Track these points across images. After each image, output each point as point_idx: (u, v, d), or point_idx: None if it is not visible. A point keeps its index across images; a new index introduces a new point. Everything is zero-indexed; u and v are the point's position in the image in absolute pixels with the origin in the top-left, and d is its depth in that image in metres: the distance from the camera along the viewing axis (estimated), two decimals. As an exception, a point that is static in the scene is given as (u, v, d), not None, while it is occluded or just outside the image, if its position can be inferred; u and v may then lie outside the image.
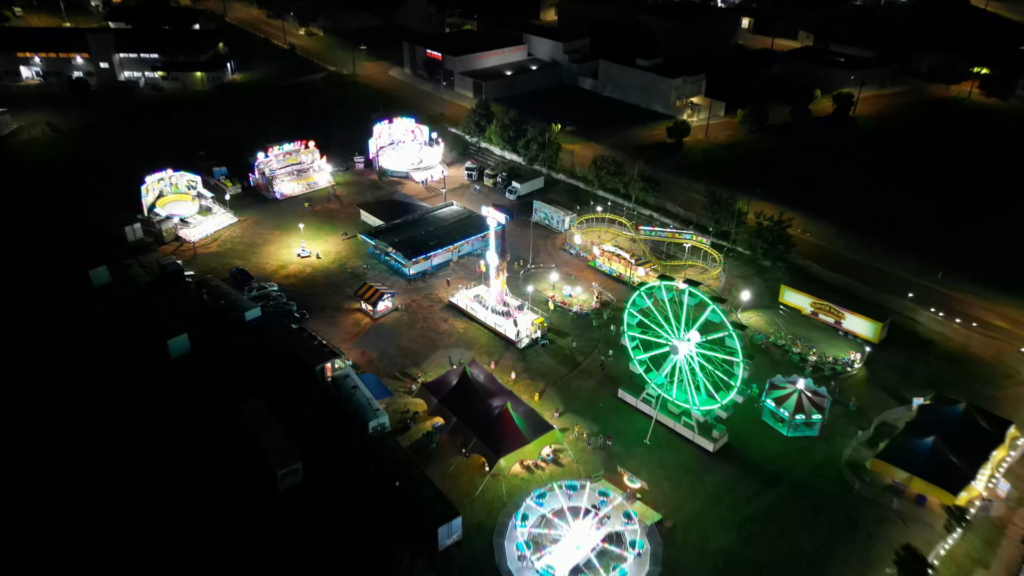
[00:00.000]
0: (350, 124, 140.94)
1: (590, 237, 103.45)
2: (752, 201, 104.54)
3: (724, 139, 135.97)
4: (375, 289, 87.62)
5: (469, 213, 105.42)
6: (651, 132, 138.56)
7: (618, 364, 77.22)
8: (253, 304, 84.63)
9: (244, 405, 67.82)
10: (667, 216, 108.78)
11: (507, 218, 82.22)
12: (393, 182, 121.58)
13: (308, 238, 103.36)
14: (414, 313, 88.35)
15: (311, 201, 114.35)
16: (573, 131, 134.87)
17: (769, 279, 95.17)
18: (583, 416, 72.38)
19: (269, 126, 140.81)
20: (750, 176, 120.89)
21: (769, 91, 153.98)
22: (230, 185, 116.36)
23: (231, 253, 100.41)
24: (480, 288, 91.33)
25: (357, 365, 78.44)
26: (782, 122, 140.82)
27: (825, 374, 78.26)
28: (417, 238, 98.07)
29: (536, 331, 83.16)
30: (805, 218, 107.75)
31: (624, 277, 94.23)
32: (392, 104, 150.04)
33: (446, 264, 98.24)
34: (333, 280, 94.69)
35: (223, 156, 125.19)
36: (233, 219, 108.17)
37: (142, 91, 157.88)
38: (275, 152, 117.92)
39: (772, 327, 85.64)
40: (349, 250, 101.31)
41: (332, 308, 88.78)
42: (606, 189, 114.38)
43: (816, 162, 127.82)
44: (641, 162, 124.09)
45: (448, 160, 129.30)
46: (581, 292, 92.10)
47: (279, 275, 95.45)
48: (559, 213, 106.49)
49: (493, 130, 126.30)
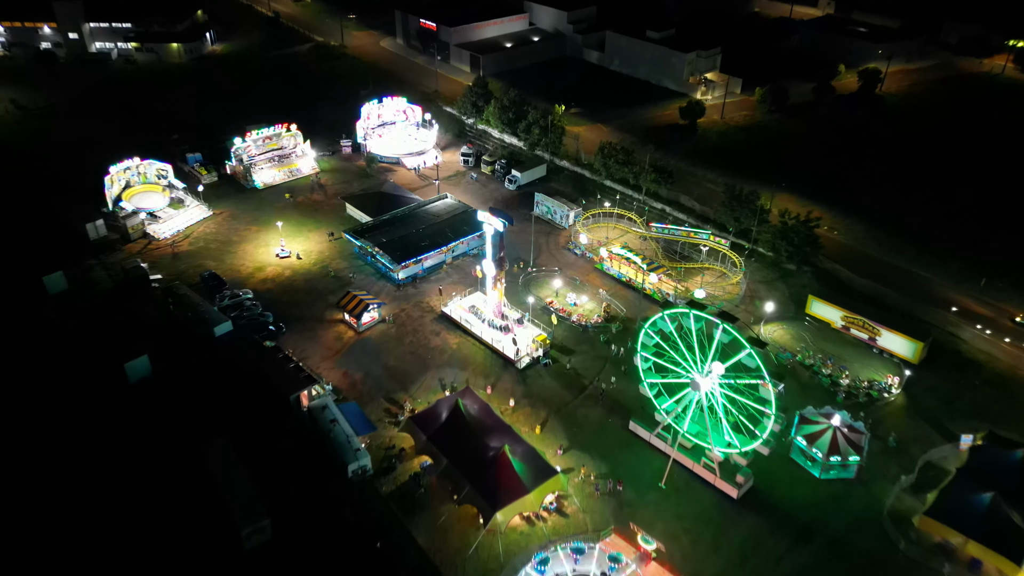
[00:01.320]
0: (337, 102, 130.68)
1: (597, 236, 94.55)
2: (775, 194, 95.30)
3: (741, 120, 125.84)
4: (359, 299, 79.08)
5: (464, 208, 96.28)
6: (662, 112, 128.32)
7: (628, 389, 69.09)
8: (223, 318, 76.18)
9: (207, 446, 59.88)
10: (681, 211, 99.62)
11: (506, 224, 73.39)
12: (382, 169, 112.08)
13: (289, 235, 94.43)
14: (403, 325, 79.96)
15: (293, 192, 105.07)
16: (579, 113, 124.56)
17: (794, 285, 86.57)
18: (590, 452, 64.50)
19: (250, 104, 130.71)
20: (770, 164, 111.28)
21: (788, 66, 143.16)
22: (205, 173, 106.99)
23: (204, 252, 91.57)
24: (476, 296, 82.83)
25: (338, 389, 70.40)
26: (803, 101, 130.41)
27: (859, 401, 70.22)
28: (407, 238, 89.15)
29: (537, 349, 74.90)
30: (831, 213, 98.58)
31: (635, 283, 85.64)
32: (383, 80, 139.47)
33: (439, 267, 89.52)
34: (314, 285, 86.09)
35: (198, 140, 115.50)
36: (207, 212, 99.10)
37: (114, 64, 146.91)
38: (253, 136, 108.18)
39: (799, 344, 77.35)
40: (333, 249, 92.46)
41: (312, 319, 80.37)
42: (614, 179, 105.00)
43: (841, 147, 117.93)
44: (652, 148, 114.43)
45: (443, 144, 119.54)
46: (587, 301, 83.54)
47: (255, 279, 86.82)
48: (563, 207, 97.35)
49: (491, 111, 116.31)
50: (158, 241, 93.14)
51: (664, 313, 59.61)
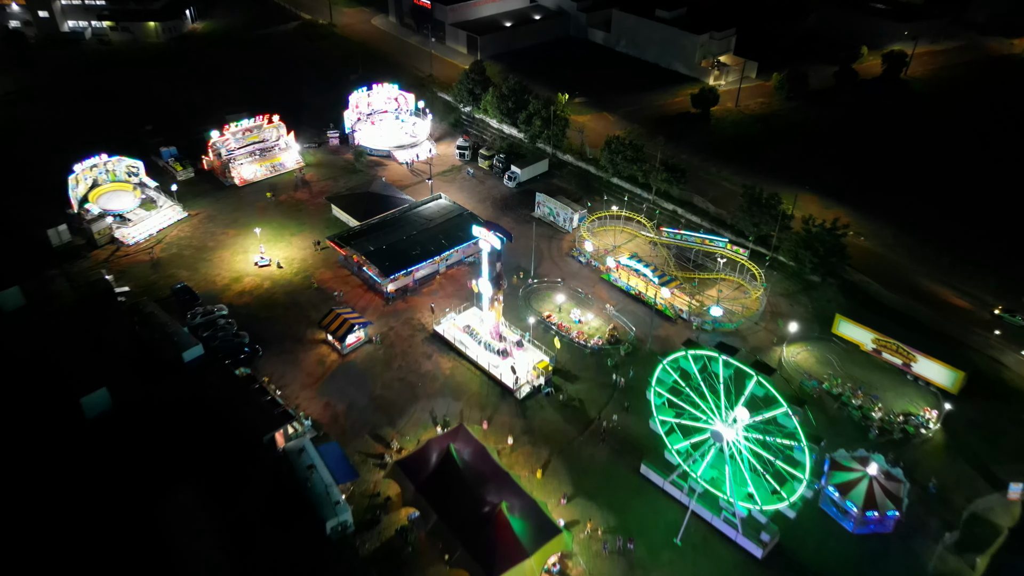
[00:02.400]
0: (325, 87, 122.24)
1: (603, 241, 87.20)
2: (798, 196, 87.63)
3: (757, 108, 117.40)
4: (343, 318, 72.06)
5: (460, 211, 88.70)
6: (672, 99, 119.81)
7: (638, 423, 62.40)
8: (193, 340, 69.16)
9: (167, 502, 53.33)
10: (694, 212, 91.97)
11: (504, 241, 66.12)
12: (372, 163, 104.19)
13: (269, 241, 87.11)
14: (391, 346, 73.05)
15: (275, 189, 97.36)
16: (583, 102, 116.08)
17: (818, 299, 79.47)
18: (597, 501, 58.03)
19: (232, 88, 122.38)
20: (789, 158, 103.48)
21: (807, 48, 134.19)
22: (180, 169, 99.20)
23: (177, 260, 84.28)
24: (471, 312, 75.79)
25: (318, 424, 63.78)
26: (824, 87, 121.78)
27: (894, 437, 63.65)
28: (397, 246, 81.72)
29: (539, 376, 68.07)
30: (856, 215, 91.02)
31: (645, 297, 78.54)
32: (373, 62, 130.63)
33: (431, 277, 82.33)
34: (296, 298, 78.99)
35: (174, 131, 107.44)
36: (181, 214, 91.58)
37: (88, 44, 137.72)
38: (232, 129, 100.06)
39: (825, 369, 70.53)
40: (316, 256, 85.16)
41: (293, 339, 73.44)
42: (622, 177, 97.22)
43: (866, 139, 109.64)
44: (662, 141, 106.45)
45: (437, 134, 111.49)
46: (593, 318, 76.49)
47: (231, 292, 79.69)
48: (566, 210, 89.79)
49: (489, 100, 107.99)
50: (127, 247, 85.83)
51: (688, 353, 52.54)
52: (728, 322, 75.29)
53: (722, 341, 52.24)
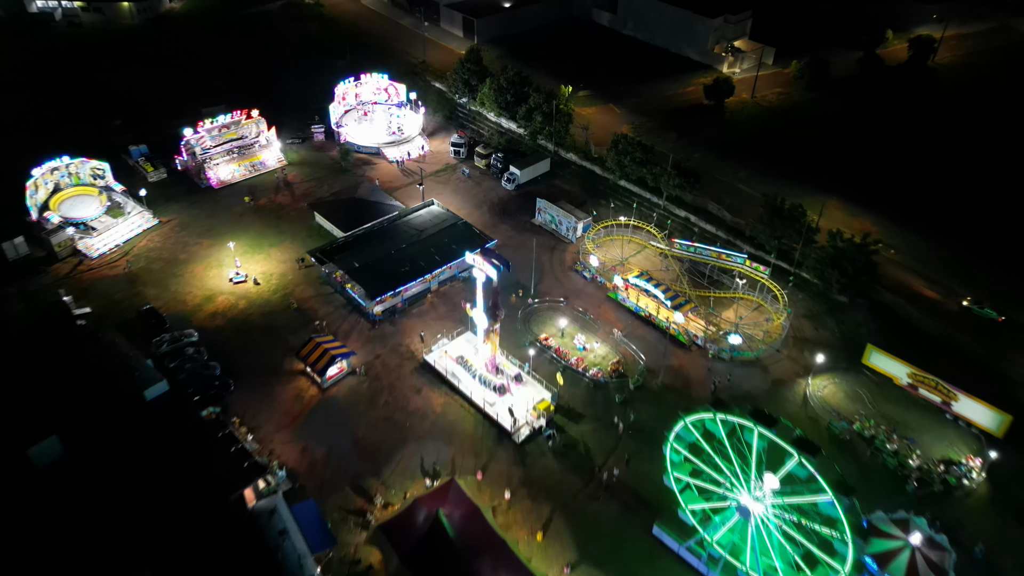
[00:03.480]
0: (311, 73, 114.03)
1: (610, 252, 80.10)
2: (824, 205, 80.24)
3: (775, 100, 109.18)
4: (323, 348, 65.27)
5: (454, 220, 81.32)
6: (683, 89, 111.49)
7: (651, 472, 55.97)
8: (157, 376, 62.42)
9: (117, 581, 47.09)
10: (708, 220, 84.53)
11: (501, 270, 59.05)
12: (359, 161, 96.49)
13: (246, 253, 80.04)
14: (377, 378, 66.37)
15: (254, 193, 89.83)
16: (588, 96, 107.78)
17: (846, 322, 72.54)
18: (605, 569, 51.75)
19: (210, 75, 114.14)
20: (811, 157, 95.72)
21: (828, 32, 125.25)
22: (151, 170, 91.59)
23: (144, 276, 77.22)
24: (464, 339, 69.03)
25: (294, 475, 57.38)
26: (846, 75, 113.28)
27: (934, 489, 57.30)
28: (384, 262, 74.61)
29: (539, 417, 61.50)
30: (885, 224, 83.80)
31: (656, 320, 71.68)
32: (363, 47, 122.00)
33: (423, 296, 75.37)
34: (273, 321, 72.11)
35: (146, 125, 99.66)
36: (151, 221, 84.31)
37: (58, 27, 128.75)
38: (207, 127, 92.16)
39: (855, 405, 63.93)
40: (297, 272, 78.08)
41: (268, 369, 66.74)
42: (630, 180, 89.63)
43: (893, 134, 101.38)
44: (673, 137, 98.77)
45: (431, 128, 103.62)
46: (599, 346, 69.67)
47: (203, 313, 72.79)
48: (569, 218, 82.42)
49: (486, 93, 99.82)
50: (91, 261, 78.74)
51: (717, 417, 45.68)
52: (747, 350, 68.57)
53: (758, 408, 45.31)
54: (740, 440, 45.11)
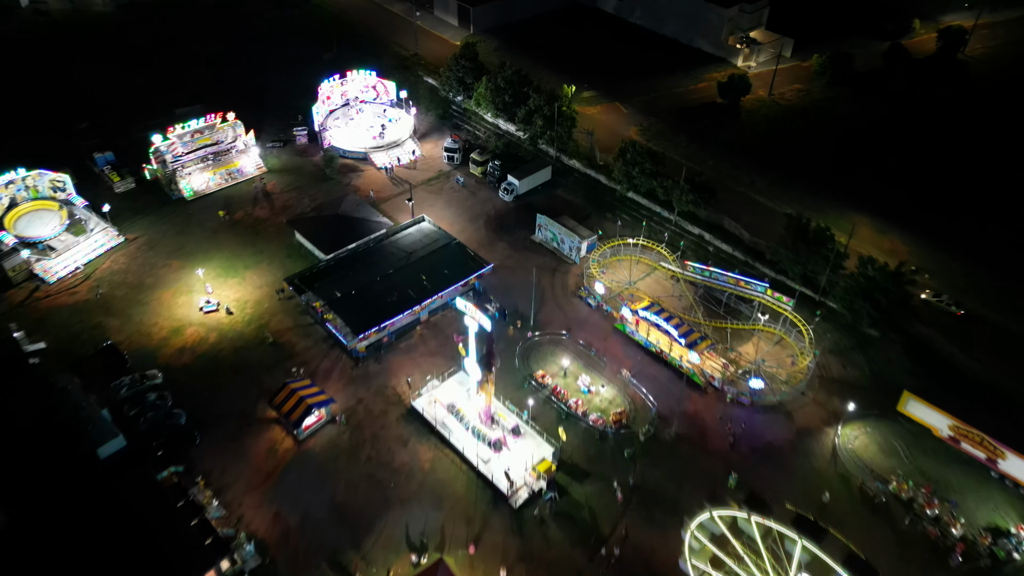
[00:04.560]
0: (294, 67, 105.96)
1: (616, 276, 73.24)
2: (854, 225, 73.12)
3: (794, 97, 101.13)
4: (299, 396, 58.73)
5: (447, 240, 74.17)
6: (695, 85, 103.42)
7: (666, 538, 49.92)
8: (113, 431, 55.98)
9: None
10: (724, 238, 77.38)
11: (495, 317, 52.39)
12: (345, 167, 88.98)
13: (219, 277, 73.21)
14: (359, 428, 59.90)
15: (229, 207, 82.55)
16: (593, 96, 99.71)
17: (877, 359, 65.84)
18: (612, 666, 46.03)
19: (186, 70, 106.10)
20: (835, 164, 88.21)
21: (849, 21, 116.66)
22: (117, 180, 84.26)
23: (106, 304, 70.36)
24: (456, 381, 62.48)
25: (264, 547, 51.21)
26: (871, 69, 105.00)
27: (981, 565, 51.17)
28: (369, 290, 67.66)
29: (539, 478, 55.14)
30: (918, 243, 76.86)
31: (668, 357, 65.04)
32: (351, 38, 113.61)
33: (411, 328, 68.63)
34: (246, 358, 65.46)
35: (114, 128, 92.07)
36: (117, 239, 77.29)
37: (23, 13, 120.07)
38: (178, 132, 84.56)
39: (891, 461, 57.55)
40: (274, 300, 71.23)
41: (239, 417, 60.23)
42: (639, 192, 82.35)
43: (924, 138, 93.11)
44: (684, 141, 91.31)
45: (423, 129, 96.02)
46: (605, 389, 63.07)
47: (169, 348, 66.12)
48: (572, 237, 75.32)
49: (482, 93, 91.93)
50: (49, 286, 71.90)
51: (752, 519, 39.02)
52: (769, 394, 62.04)
53: (802, 515, 38.79)
54: (778, 545, 38.74)
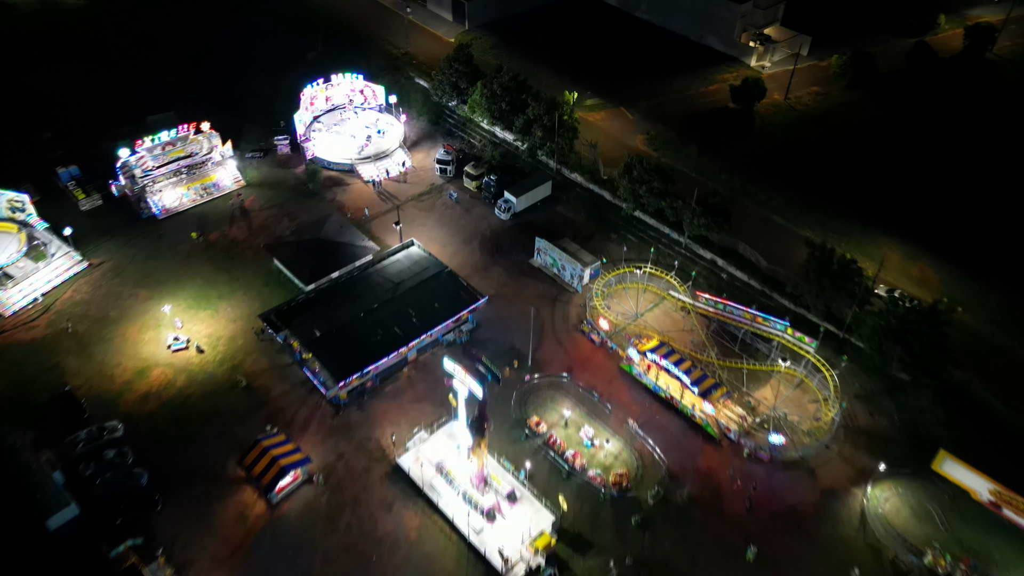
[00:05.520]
0: (276, 67, 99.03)
1: (622, 306, 67.36)
2: (878, 243, 67.12)
3: (812, 102, 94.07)
4: (272, 456, 53.13)
5: (438, 268, 68.00)
6: (706, 88, 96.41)
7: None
8: (63, 499, 50.47)
9: None
10: (739, 265, 71.10)
11: (488, 380, 46.54)
12: (330, 181, 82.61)
13: (189, 310, 67.37)
14: (338, 489, 54.33)
15: (203, 228, 76.30)
16: (596, 104, 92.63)
17: (907, 406, 60.07)
18: None
19: (161, 69, 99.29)
20: (856, 178, 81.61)
21: (870, 16, 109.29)
22: (82, 197, 78.02)
23: (66, 341, 64.49)
24: (446, 432, 56.82)
25: (230, 637, 46.03)
26: (894, 69, 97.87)
27: (1029, 657, 46.00)
28: (352, 327, 61.69)
29: (536, 554, 49.68)
30: (949, 270, 70.76)
31: (679, 405, 59.34)
32: (337, 34, 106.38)
33: (398, 369, 62.81)
34: (217, 404, 59.75)
35: (81, 138, 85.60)
36: (80, 265, 71.28)
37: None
38: (148, 145, 78.10)
39: (925, 528, 52.03)
40: (249, 335, 65.34)
41: (207, 475, 54.68)
42: (646, 212, 76.09)
43: (954, 149, 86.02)
44: (694, 151, 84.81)
45: (414, 136, 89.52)
46: (611, 444, 57.32)
47: (133, 393, 60.38)
48: (574, 264, 69.23)
49: (477, 100, 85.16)
50: (3, 321, 65.96)
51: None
52: (791, 449, 56.41)
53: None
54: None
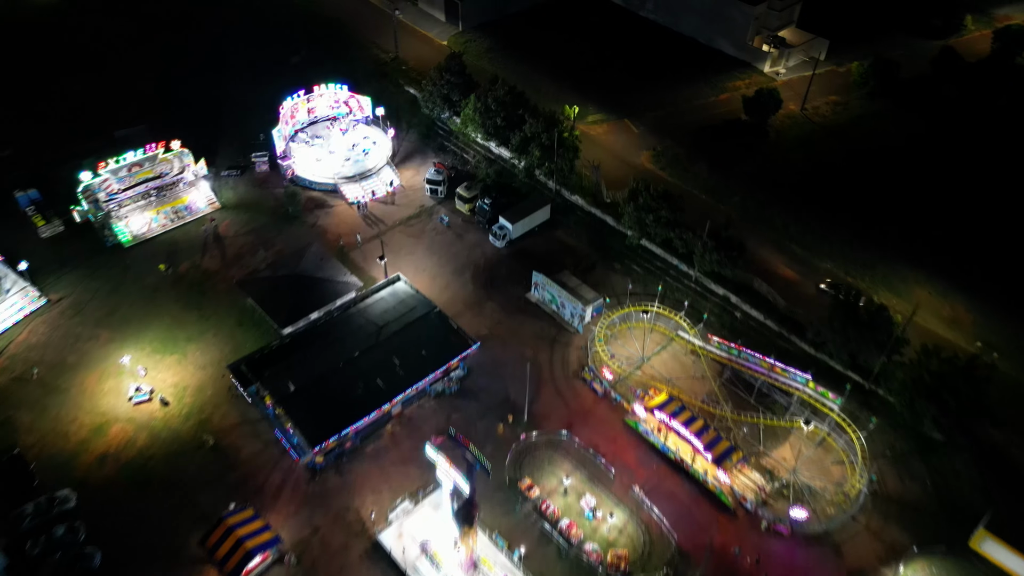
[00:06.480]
0: (257, 73, 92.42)
1: (626, 348, 61.76)
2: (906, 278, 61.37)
3: (830, 113, 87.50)
4: (238, 537, 47.70)
5: (427, 308, 62.16)
6: (716, 98, 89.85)
7: None
8: (2, 589, 45.45)
9: None
10: (754, 303, 65.20)
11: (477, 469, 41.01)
12: (311, 203, 76.53)
13: (155, 353, 61.78)
14: (313, 570, 48.97)
15: (173, 258, 70.34)
16: (600, 119, 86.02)
17: (941, 470, 54.58)
18: None
19: (134, 74, 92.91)
20: (880, 201, 75.52)
21: (891, 17, 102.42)
22: (42, 224, 72.06)
23: (17, 391, 58.88)
24: (431, 503, 51.41)
25: None
26: (917, 73, 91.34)
27: None
28: (330, 380, 56.11)
29: (532, 652, 44.60)
30: (983, 309, 64.99)
31: (690, 468, 53.89)
32: (322, 37, 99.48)
33: (381, 426, 57.21)
34: (181, 467, 54.25)
35: (43, 157, 79.33)
36: (38, 302, 65.49)
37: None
38: (112, 167, 71.91)
39: (965, 619, 47.01)
40: (218, 384, 59.70)
41: (167, 554, 49.31)
42: (653, 241, 70.17)
43: (985, 166, 79.95)
44: (703, 169, 78.73)
45: (404, 151, 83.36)
46: (615, 518, 51.80)
47: (89, 455, 54.88)
48: (575, 302, 63.41)
49: (470, 115, 78.74)
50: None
51: None
52: (814, 522, 51.03)
53: None
54: None
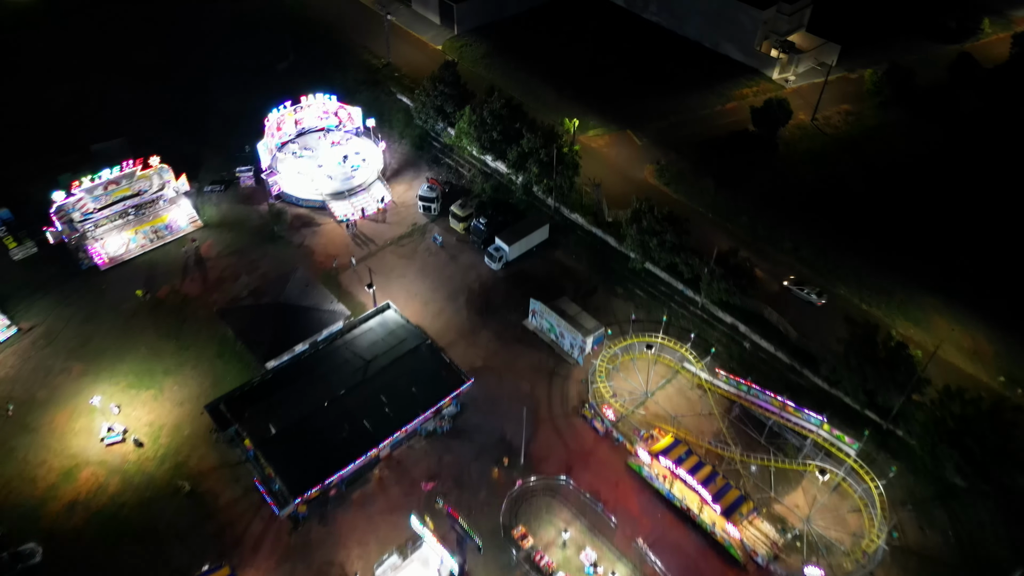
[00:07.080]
0: (244, 79, 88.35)
1: (628, 382, 58.34)
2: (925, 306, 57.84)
3: (843, 124, 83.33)
4: (212, 599, 44.57)
5: (418, 340, 58.65)
6: (723, 107, 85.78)
7: None
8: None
9: None
10: (764, 333, 61.55)
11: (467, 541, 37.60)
12: (297, 221, 72.91)
13: (130, 388, 58.40)
14: (294, 633, 46.02)
15: (152, 281, 66.76)
16: (601, 132, 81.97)
17: (963, 520, 51.25)
18: None
19: (116, 81, 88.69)
20: (897, 222, 71.63)
21: (904, 20, 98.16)
22: (13, 246, 68.43)
23: (-16, 431, 55.78)
24: (420, 558, 48.07)
25: None
26: (933, 81, 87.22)
27: None
28: (313, 421, 52.72)
29: None
30: (1008, 339, 61.39)
31: (697, 518, 50.56)
32: (311, 40, 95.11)
33: (368, 471, 53.81)
34: (154, 517, 50.92)
35: (15, 171, 75.52)
36: (7, 331, 61.93)
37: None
38: (86, 185, 68.16)
39: None
40: (196, 423, 56.26)
41: (138, 614, 46.39)
42: (658, 265, 66.52)
43: (1007, 180, 76.33)
44: (711, 186, 74.90)
45: (396, 163, 79.69)
46: (616, 575, 48.56)
47: (57, 503, 51.56)
48: (575, 333, 59.84)
49: (464, 128, 74.81)
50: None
51: None
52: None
53: None
54: None
